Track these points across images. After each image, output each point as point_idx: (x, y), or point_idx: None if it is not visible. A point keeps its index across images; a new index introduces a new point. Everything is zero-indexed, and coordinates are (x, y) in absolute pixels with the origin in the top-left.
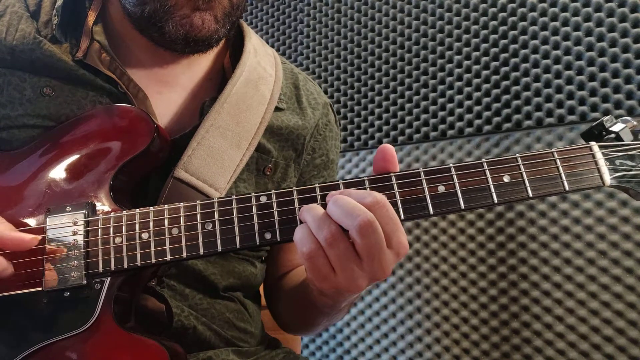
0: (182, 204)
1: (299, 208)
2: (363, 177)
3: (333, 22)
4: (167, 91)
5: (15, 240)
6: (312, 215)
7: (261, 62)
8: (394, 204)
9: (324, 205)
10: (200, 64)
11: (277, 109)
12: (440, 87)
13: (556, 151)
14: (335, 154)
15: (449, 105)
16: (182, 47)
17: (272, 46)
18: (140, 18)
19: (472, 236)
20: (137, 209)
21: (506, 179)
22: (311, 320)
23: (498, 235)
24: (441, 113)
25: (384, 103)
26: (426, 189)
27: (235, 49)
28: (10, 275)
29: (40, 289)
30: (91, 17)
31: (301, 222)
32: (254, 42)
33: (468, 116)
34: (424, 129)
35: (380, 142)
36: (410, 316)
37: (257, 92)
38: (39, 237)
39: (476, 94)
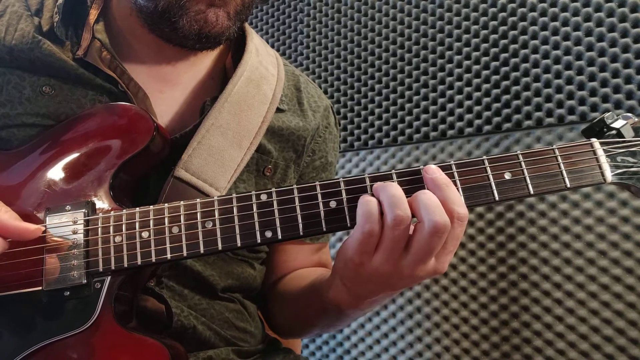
0: (182, 202)
1: (300, 206)
2: (364, 175)
3: (333, 22)
4: (168, 90)
5: (21, 229)
6: (391, 191)
7: (263, 62)
8: None
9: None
10: (203, 63)
11: (278, 110)
12: (440, 87)
13: (557, 148)
14: (333, 157)
15: (449, 105)
16: (194, 43)
17: (272, 46)
18: (153, 13)
19: (472, 236)
20: (137, 208)
21: (507, 176)
22: (311, 321)
23: (498, 235)
24: (441, 113)
25: (384, 103)
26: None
27: (237, 49)
28: (2, 251)
29: (40, 288)
30: (93, 15)
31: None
32: (255, 42)
33: (468, 116)
34: (424, 129)
35: (380, 142)
36: (410, 316)
37: (259, 92)
38: (43, 227)
39: (476, 94)
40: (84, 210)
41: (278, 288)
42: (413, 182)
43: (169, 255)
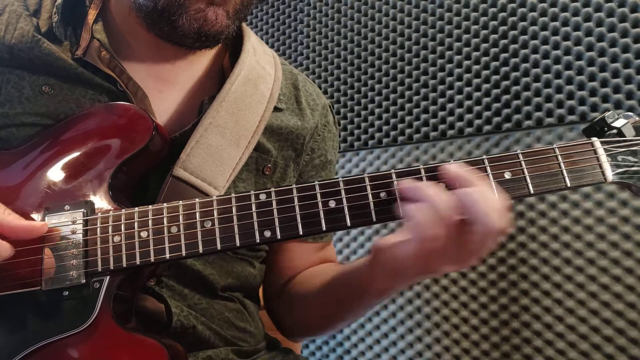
0: (181, 202)
1: (299, 206)
2: (364, 175)
3: (333, 22)
4: (166, 89)
5: (27, 227)
6: (438, 195)
7: (260, 62)
8: (394, 201)
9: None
10: (201, 63)
11: (276, 109)
12: (440, 87)
13: (557, 147)
14: (333, 155)
15: (449, 105)
16: (193, 41)
17: (272, 46)
18: (152, 11)
19: None
20: (136, 208)
21: (507, 175)
22: (340, 314)
23: None
24: (441, 113)
25: (384, 103)
26: None
27: (234, 49)
28: (9, 257)
29: (39, 288)
30: (91, 15)
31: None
32: (252, 41)
33: (468, 116)
34: (424, 129)
35: (380, 142)
36: (410, 316)
37: (256, 91)
38: (48, 224)
39: (476, 94)
40: (82, 210)
41: (290, 290)
42: None
43: (167, 255)
